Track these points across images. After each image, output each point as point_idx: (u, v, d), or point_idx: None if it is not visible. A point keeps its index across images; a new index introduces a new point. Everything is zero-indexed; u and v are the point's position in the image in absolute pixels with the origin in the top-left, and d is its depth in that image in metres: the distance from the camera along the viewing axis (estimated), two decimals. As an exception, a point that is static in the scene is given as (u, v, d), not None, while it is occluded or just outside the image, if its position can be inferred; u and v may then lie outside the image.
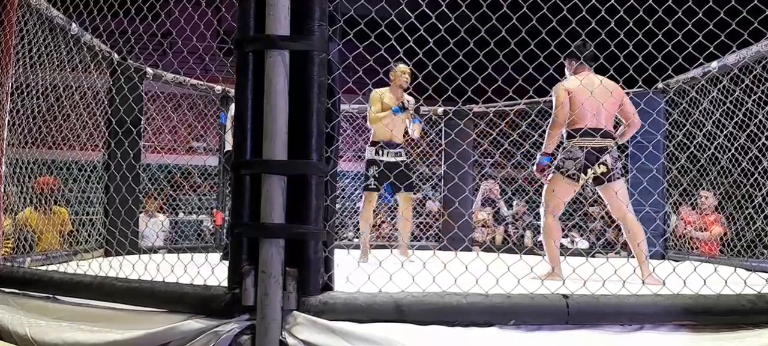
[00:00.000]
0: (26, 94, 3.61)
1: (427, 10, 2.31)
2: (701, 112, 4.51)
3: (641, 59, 2.28)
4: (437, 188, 7.37)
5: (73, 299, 2.32)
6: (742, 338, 1.87)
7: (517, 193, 7.38)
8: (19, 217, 3.89)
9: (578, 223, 7.02)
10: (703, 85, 4.69)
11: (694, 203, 5.34)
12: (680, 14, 2.20)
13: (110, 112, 4.51)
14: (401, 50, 2.25)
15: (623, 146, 4.86)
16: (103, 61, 4.51)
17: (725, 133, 4.26)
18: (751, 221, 4.34)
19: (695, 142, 4.47)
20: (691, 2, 2.19)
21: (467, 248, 4.99)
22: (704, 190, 5.14)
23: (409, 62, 4.28)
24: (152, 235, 5.91)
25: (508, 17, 2.27)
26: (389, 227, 7.32)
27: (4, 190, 3.26)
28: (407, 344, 1.78)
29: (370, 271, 2.10)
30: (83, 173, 4.42)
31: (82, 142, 4.29)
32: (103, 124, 4.62)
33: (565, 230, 7.12)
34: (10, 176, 3.44)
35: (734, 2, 2.16)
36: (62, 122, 4.03)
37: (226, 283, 1.95)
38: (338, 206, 6.49)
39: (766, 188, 4.01)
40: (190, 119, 6.82)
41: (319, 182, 1.93)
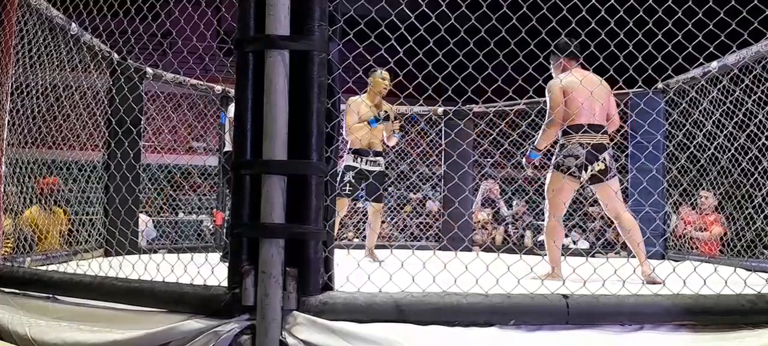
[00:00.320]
0: (26, 94, 3.61)
1: (427, 10, 2.31)
2: (701, 112, 4.51)
3: (641, 59, 2.28)
4: (437, 188, 7.37)
5: (73, 299, 2.31)
6: (742, 338, 1.87)
7: (517, 193, 7.39)
8: (25, 215, 3.89)
9: (578, 223, 7.02)
10: (703, 85, 4.69)
11: (694, 203, 5.35)
12: (680, 14, 2.20)
13: (110, 112, 4.51)
14: (401, 50, 2.25)
15: (623, 146, 4.87)
16: (103, 61, 4.51)
17: (725, 133, 4.26)
18: (751, 221, 4.34)
19: (695, 142, 4.47)
20: (691, 2, 2.19)
21: (467, 248, 4.99)
22: (704, 190, 5.14)
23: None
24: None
25: (508, 17, 2.27)
26: (389, 227, 7.32)
27: (4, 190, 3.26)
28: (407, 344, 1.78)
29: (370, 271, 2.11)
30: (83, 173, 4.42)
31: (82, 142, 4.29)
32: (103, 124, 4.62)
33: (564, 230, 7.13)
34: (10, 176, 3.44)
35: (734, 2, 2.16)
36: (62, 122, 4.02)
37: (226, 283, 1.95)
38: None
39: (766, 188, 4.01)
40: (190, 119, 6.82)
41: (319, 182, 1.93)
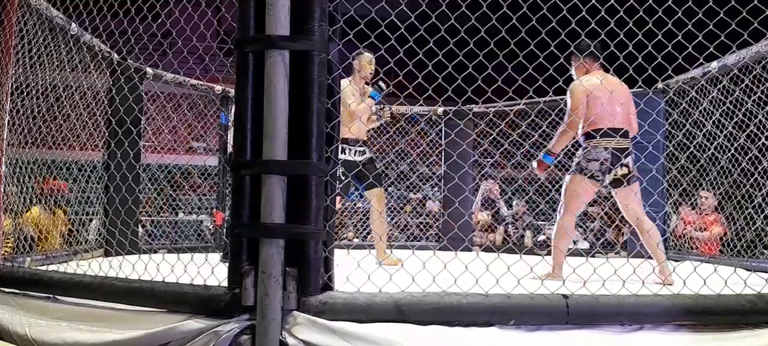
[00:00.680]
0: (26, 94, 3.61)
1: (427, 10, 2.31)
2: (701, 112, 4.51)
3: (641, 59, 2.28)
4: (437, 188, 7.37)
5: (73, 299, 2.32)
6: (742, 338, 1.87)
7: (517, 193, 7.38)
8: (27, 215, 3.89)
9: (578, 223, 7.02)
10: (702, 85, 4.69)
11: (693, 203, 5.35)
12: (680, 14, 2.20)
13: (110, 112, 4.51)
14: (401, 50, 2.25)
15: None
16: (103, 61, 4.51)
17: (725, 133, 4.25)
18: (751, 221, 4.34)
19: (695, 142, 4.47)
20: (691, 2, 2.19)
21: (467, 248, 4.99)
22: (704, 190, 5.14)
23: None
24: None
25: (508, 17, 2.27)
26: (389, 227, 7.32)
27: (4, 190, 3.26)
28: (407, 344, 1.78)
29: (370, 271, 2.11)
30: (83, 173, 4.42)
31: (82, 142, 4.29)
32: (103, 124, 4.62)
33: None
34: (10, 176, 3.44)
35: (734, 2, 2.16)
36: (62, 122, 4.03)
37: (226, 283, 1.95)
38: (338, 206, 6.49)
39: (766, 188, 4.01)
40: (190, 119, 6.82)
41: (319, 182, 1.93)
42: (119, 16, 3.34)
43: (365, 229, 6.97)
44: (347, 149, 4.27)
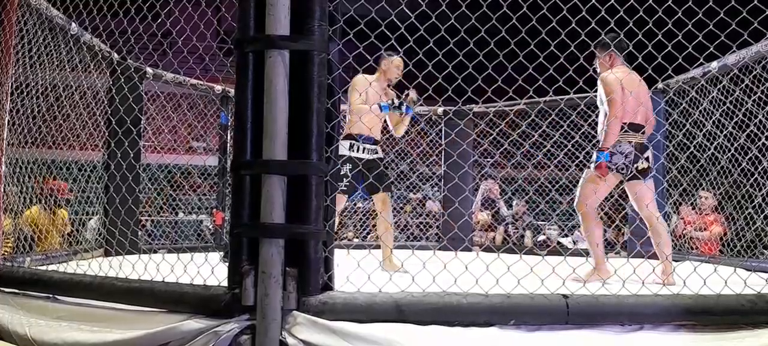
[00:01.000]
0: (26, 94, 3.61)
1: (427, 10, 2.31)
2: (701, 112, 4.51)
3: (641, 59, 2.29)
4: (437, 188, 7.37)
5: (73, 299, 2.32)
6: (742, 338, 1.86)
7: (517, 193, 7.38)
8: (26, 214, 3.89)
9: (578, 223, 7.01)
10: (703, 85, 4.69)
11: (693, 203, 5.35)
12: (680, 14, 2.20)
13: (110, 112, 4.51)
14: (401, 50, 2.25)
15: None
16: (103, 61, 4.51)
17: (725, 133, 4.25)
18: (751, 221, 4.34)
19: (695, 142, 4.47)
20: (691, 2, 2.19)
21: (467, 248, 4.99)
22: (703, 190, 5.14)
23: (405, 58, 3.81)
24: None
25: (508, 17, 2.27)
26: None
27: (4, 190, 3.26)
28: (407, 344, 1.78)
29: (370, 271, 2.11)
30: (83, 173, 4.42)
31: (82, 142, 4.29)
32: (103, 124, 4.62)
33: (564, 230, 7.13)
34: (10, 176, 3.44)
35: (734, 2, 2.16)
36: (62, 122, 4.03)
37: (226, 283, 1.95)
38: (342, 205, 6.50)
39: (766, 188, 4.01)
40: (190, 119, 6.83)
41: (319, 182, 1.93)
42: (119, 16, 3.34)
43: (365, 229, 6.97)
44: (356, 146, 3.96)
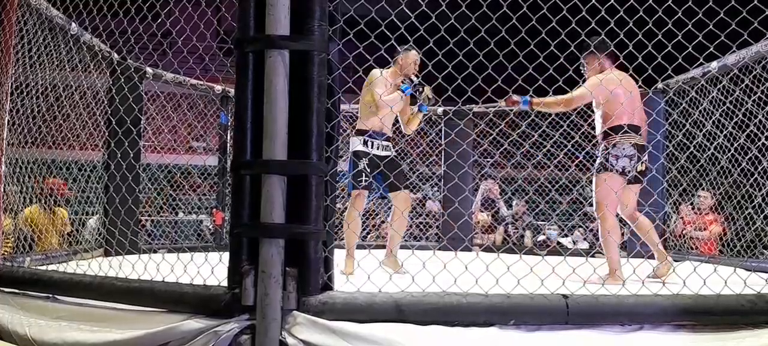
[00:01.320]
0: (26, 94, 3.61)
1: (427, 10, 2.31)
2: (701, 112, 4.51)
3: (641, 59, 2.29)
4: (437, 188, 7.37)
5: (73, 299, 2.32)
6: (741, 338, 1.87)
7: (516, 193, 7.39)
8: (25, 213, 3.89)
9: (579, 223, 7.02)
10: (702, 85, 4.69)
11: (693, 203, 5.35)
12: (680, 14, 2.20)
13: (110, 112, 4.51)
14: (401, 51, 2.25)
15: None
16: (103, 61, 4.51)
17: (725, 133, 4.25)
18: (750, 221, 4.34)
19: (695, 142, 4.47)
20: (691, 2, 2.19)
21: (467, 248, 4.99)
22: (703, 190, 5.14)
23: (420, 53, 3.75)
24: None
25: (508, 17, 2.27)
26: (389, 226, 7.30)
27: (4, 190, 3.26)
28: (407, 344, 1.78)
29: (369, 271, 2.11)
30: (83, 173, 4.42)
31: (81, 141, 4.29)
32: (103, 124, 4.62)
33: (564, 230, 7.14)
34: (10, 176, 3.44)
35: (734, 2, 2.16)
36: (62, 122, 4.03)
37: (226, 283, 1.95)
38: (338, 206, 6.51)
39: (766, 188, 4.01)
40: (190, 119, 6.82)
41: (319, 182, 1.93)
42: (119, 16, 3.34)
43: (365, 229, 6.96)
44: (370, 142, 3.86)
